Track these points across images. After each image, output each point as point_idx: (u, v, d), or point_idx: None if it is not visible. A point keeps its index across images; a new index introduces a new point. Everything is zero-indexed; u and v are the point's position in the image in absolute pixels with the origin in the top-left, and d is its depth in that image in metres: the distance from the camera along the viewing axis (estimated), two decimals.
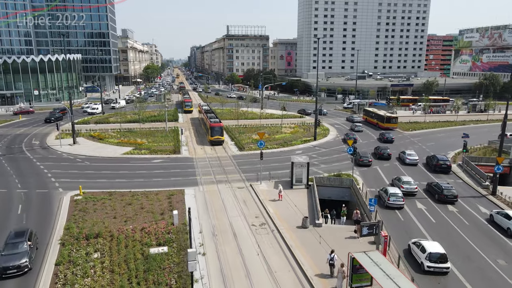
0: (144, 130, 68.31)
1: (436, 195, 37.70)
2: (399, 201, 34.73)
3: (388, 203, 34.86)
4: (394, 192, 35.21)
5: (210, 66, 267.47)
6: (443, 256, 24.70)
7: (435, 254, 24.68)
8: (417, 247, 26.27)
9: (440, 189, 37.42)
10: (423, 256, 25.12)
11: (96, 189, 38.64)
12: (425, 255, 24.96)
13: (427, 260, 24.72)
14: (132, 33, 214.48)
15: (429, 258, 24.70)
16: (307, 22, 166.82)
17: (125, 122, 75.82)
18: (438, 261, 24.54)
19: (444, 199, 36.74)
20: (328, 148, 57.76)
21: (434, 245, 25.73)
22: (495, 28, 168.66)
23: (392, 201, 34.68)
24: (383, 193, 36.80)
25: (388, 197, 34.98)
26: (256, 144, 57.24)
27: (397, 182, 39.85)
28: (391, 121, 72.87)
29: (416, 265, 25.69)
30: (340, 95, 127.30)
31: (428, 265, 24.63)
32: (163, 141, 60.52)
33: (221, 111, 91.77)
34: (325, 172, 45.08)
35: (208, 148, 57.10)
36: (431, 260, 24.63)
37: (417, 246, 26.34)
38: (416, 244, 26.71)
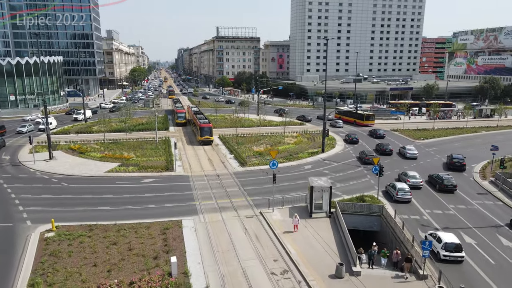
0: (132, 142, 61.17)
1: (437, 185, 41.01)
2: (407, 195, 36.82)
3: (396, 197, 36.86)
4: (402, 187, 37.32)
5: (199, 68, 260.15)
6: (458, 246, 26.23)
7: (451, 244, 26.27)
8: (433, 237, 27.63)
9: (441, 180, 40.75)
10: (439, 246, 26.58)
11: (73, 221, 31.62)
12: (441, 245, 26.45)
13: (443, 249, 26.25)
14: (117, 35, 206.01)
15: (445, 248, 26.24)
16: (300, 24, 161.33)
17: (110, 131, 68.59)
18: (453, 250, 26.06)
19: (444, 189, 40.10)
20: (339, 161, 51.65)
21: (450, 235, 27.42)
22: (491, 31, 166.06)
23: (401, 195, 36.74)
24: (391, 188, 38.72)
25: (396, 192, 36.98)
26: (260, 158, 50.99)
27: (404, 176, 42.36)
28: (370, 118, 79.55)
29: (433, 254, 26.22)
30: (337, 99, 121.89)
31: (444, 254, 26.14)
32: (154, 154, 53.58)
33: (215, 118, 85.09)
34: (343, 194, 38.92)
35: (206, 163, 50.37)
36: (447, 250, 26.17)
37: (433, 237, 27.77)
38: (432, 235, 28.27)
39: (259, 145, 59.68)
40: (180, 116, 78.66)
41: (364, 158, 50.78)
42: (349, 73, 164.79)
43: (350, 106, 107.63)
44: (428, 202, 37.45)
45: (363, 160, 50.78)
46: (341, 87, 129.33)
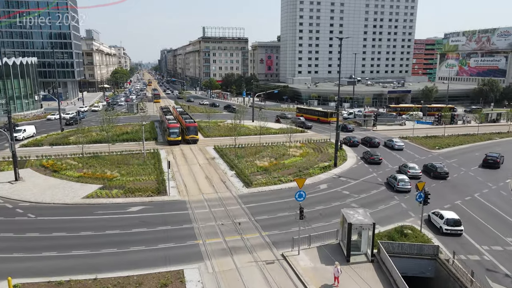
0: (115, 156, 53.15)
1: (431, 173, 46.07)
2: (407, 185, 40.20)
3: (397, 187, 40.34)
4: (402, 178, 40.88)
5: (184, 70, 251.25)
6: (457, 221, 30.35)
7: (451, 220, 30.37)
8: (435, 216, 31.82)
9: (434, 168, 46.25)
10: (441, 222, 30.65)
11: (37, 275, 23.89)
12: (443, 220, 30.51)
13: (445, 224, 30.25)
14: (97, 34, 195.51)
15: (446, 223, 30.24)
16: (291, 25, 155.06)
17: (90, 142, 60.31)
18: (454, 225, 30.10)
19: (438, 176, 45.43)
20: (357, 178, 45.06)
21: (450, 213, 31.57)
22: (483, 32, 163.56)
23: (401, 186, 40.23)
24: (392, 179, 42.01)
25: (397, 183, 40.48)
26: (266, 176, 43.87)
27: (404, 168, 46.57)
28: (333, 115, 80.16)
29: (436, 229, 30.91)
30: (333, 103, 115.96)
31: (446, 228, 30.13)
32: (141, 172, 45.82)
33: (207, 125, 77.69)
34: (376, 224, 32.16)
35: (204, 182, 42.94)
36: (448, 224, 30.16)
37: (436, 214, 31.90)
38: (434, 213, 32.24)
39: (261, 159, 52.62)
40: (173, 133, 61.56)
41: (369, 158, 51.85)
42: (341, 75, 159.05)
43: (347, 110, 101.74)
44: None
45: (368, 160, 51.92)
46: (336, 90, 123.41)
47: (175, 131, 62.09)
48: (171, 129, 62.48)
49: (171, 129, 62.46)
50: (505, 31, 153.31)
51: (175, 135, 62.02)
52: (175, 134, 62.00)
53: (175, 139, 61.96)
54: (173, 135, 61.95)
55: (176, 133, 61.91)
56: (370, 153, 53.05)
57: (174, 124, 63.84)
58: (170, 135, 62.07)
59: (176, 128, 62.29)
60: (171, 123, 64.08)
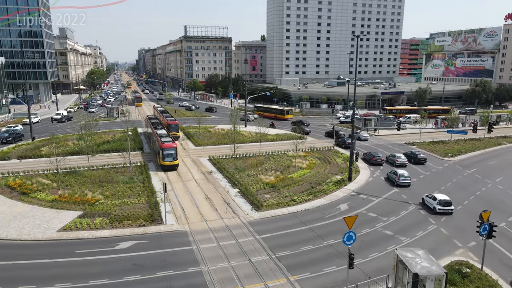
0: (96, 171, 45.85)
1: (412, 159, 52.55)
2: (407, 180, 42.58)
3: (398, 182, 42.49)
4: (402, 173, 43.05)
5: (164, 70, 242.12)
6: (448, 202, 34.85)
7: (443, 200, 34.87)
8: (429, 198, 36.37)
9: (414, 155, 52.87)
10: (434, 203, 35.13)
11: None
12: (436, 202, 35.02)
13: (438, 204, 34.73)
14: (72, 33, 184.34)
15: (439, 203, 34.73)
16: (278, 24, 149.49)
17: (66, 154, 52.40)
18: (445, 205, 34.61)
19: (417, 161, 52.00)
20: (378, 195, 39.66)
21: (442, 195, 35.89)
22: (469, 32, 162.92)
23: (402, 180, 42.46)
24: (392, 174, 44.22)
25: (398, 177, 42.62)
26: (276, 194, 37.84)
27: (392, 158, 51.23)
28: (289, 113, 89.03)
29: (429, 210, 35.38)
30: (325, 105, 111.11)
31: (439, 207, 34.61)
32: (129, 192, 38.99)
33: (197, 132, 71.03)
34: None
35: (204, 204, 36.50)
36: (440, 205, 34.64)
37: (429, 197, 36.43)
38: (428, 196, 36.78)
39: (265, 172, 46.59)
40: (169, 155, 47.47)
41: (371, 159, 51.64)
42: (329, 76, 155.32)
43: (342, 113, 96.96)
44: None
45: (370, 162, 51.63)
46: (329, 92, 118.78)
47: (170, 153, 47.52)
48: (166, 150, 47.38)
49: (166, 150, 47.42)
50: (492, 31, 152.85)
51: (171, 158, 47.58)
52: (171, 157, 47.57)
53: (172, 163, 47.64)
54: (168, 158, 47.49)
55: (172, 155, 47.67)
56: (372, 154, 53.05)
57: (169, 143, 48.55)
58: (165, 158, 47.42)
59: (172, 149, 47.77)
60: (166, 142, 48.73)
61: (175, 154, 48.27)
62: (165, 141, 49.50)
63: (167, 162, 47.68)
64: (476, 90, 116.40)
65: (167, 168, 47.62)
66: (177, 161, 48.32)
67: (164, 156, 47.62)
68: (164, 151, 47.60)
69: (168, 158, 47.67)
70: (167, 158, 47.67)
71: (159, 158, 48.76)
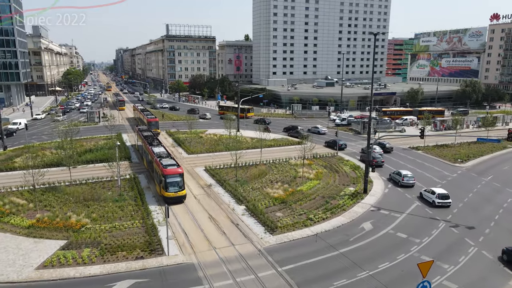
0: (79, 187, 40.24)
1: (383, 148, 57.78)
2: (411, 180, 42.75)
3: (402, 183, 42.66)
4: (406, 174, 43.22)
5: (145, 71, 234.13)
6: (446, 195, 36.77)
7: (442, 194, 36.74)
8: (428, 192, 38.15)
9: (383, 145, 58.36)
10: (433, 197, 36.98)
11: None
12: (435, 195, 36.85)
13: (437, 198, 36.56)
14: (46, 32, 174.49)
15: (438, 197, 36.55)
16: (264, 24, 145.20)
17: (43, 165, 46.20)
18: (444, 199, 36.47)
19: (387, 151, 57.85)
20: (401, 210, 35.81)
21: (440, 189, 37.88)
22: (455, 32, 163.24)
23: (406, 181, 42.64)
24: (395, 175, 44.33)
25: (402, 178, 42.78)
26: (288, 212, 33.36)
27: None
28: (250, 111, 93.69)
29: (428, 203, 37.21)
30: (316, 107, 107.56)
31: (438, 201, 36.42)
32: (120, 213, 33.78)
33: (187, 137, 65.92)
34: None
35: (209, 226, 31.68)
36: (439, 198, 36.46)
37: (428, 192, 38.19)
38: (426, 190, 38.57)
39: (270, 184, 42.14)
40: (174, 183, 36.07)
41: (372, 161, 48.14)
42: (317, 76, 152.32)
43: (337, 115, 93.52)
44: None
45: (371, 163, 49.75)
46: (320, 93, 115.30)
47: (176, 181, 36.04)
48: (170, 177, 35.84)
49: (171, 177, 35.87)
50: (477, 31, 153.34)
51: (177, 188, 36.04)
52: (176, 186, 36.04)
53: (178, 194, 36.11)
54: (173, 188, 35.88)
55: (178, 183, 36.16)
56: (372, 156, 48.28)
57: (174, 168, 36.86)
58: (169, 187, 35.78)
59: (177, 176, 36.31)
60: (169, 167, 36.96)
61: (182, 181, 36.51)
62: (167, 165, 37.24)
63: (172, 194, 35.79)
64: (467, 90, 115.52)
65: (171, 201, 35.51)
66: (184, 191, 36.88)
67: (167, 185, 35.68)
68: (168, 179, 35.70)
69: (173, 187, 35.88)
70: (171, 187, 35.83)
71: (160, 187, 37.08)
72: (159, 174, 37.35)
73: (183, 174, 37.28)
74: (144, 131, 56.28)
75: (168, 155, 42.24)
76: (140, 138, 53.54)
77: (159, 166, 37.93)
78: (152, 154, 42.12)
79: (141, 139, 52.91)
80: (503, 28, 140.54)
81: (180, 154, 56.63)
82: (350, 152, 58.96)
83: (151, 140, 48.86)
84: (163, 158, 40.00)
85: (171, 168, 37.04)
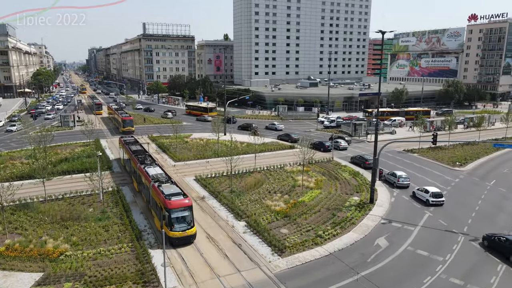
0: (55, 204, 35.54)
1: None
2: (406, 181, 42.38)
3: (398, 184, 42.26)
4: (401, 175, 42.78)
5: (120, 71, 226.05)
6: (440, 194, 37.44)
7: (436, 193, 37.29)
8: (421, 191, 38.44)
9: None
10: (427, 195, 37.38)
11: None
12: (429, 194, 37.27)
13: (431, 197, 37.02)
14: (14, 30, 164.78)
15: (432, 196, 37.05)
16: (246, 24, 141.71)
17: (13, 178, 41.51)
18: (437, 197, 37.04)
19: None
20: (413, 223, 33.25)
21: (433, 188, 38.37)
22: (433, 32, 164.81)
23: (401, 182, 42.19)
24: (390, 176, 43.93)
25: (397, 179, 42.41)
26: (294, 228, 30.22)
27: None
28: (212, 110, 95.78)
29: (422, 202, 37.64)
30: (301, 108, 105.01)
31: (432, 200, 36.92)
32: (105, 234, 29.63)
33: (172, 142, 61.71)
34: None
35: (208, 248, 27.98)
36: (433, 197, 36.98)
37: (421, 190, 38.51)
38: (419, 189, 38.87)
39: (269, 195, 38.82)
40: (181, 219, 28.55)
41: (365, 163, 49.56)
42: (299, 76, 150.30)
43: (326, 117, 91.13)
44: None
45: (363, 166, 49.61)
46: (305, 93, 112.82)
47: (183, 216, 28.45)
48: (175, 212, 28.10)
49: (176, 212, 28.17)
50: (455, 31, 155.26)
51: (185, 225, 28.36)
52: (184, 223, 28.42)
53: (186, 233, 28.15)
54: (179, 226, 28.14)
55: (186, 219, 28.59)
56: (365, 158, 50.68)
57: (179, 200, 28.62)
58: (174, 225, 27.94)
59: (185, 210, 28.55)
60: (173, 198, 28.70)
61: (191, 216, 28.68)
62: (171, 195, 28.83)
63: (178, 233, 27.75)
64: (449, 90, 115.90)
65: (178, 242, 27.86)
66: (194, 228, 28.76)
67: (172, 222, 27.71)
68: (173, 214, 27.76)
69: (179, 225, 28.07)
70: (177, 225, 27.95)
71: (162, 223, 28.56)
72: (160, 206, 29.20)
73: (192, 207, 29.00)
74: (132, 144, 47.29)
75: (168, 178, 33.51)
76: (127, 153, 44.51)
77: (159, 196, 29.68)
78: (147, 178, 34.05)
79: (128, 154, 44.11)
80: (481, 28, 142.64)
81: (166, 161, 52.48)
82: (345, 156, 56.37)
83: (142, 158, 40.17)
84: (163, 184, 31.65)
85: (176, 200, 28.50)
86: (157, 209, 30.60)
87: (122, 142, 49.27)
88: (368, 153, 56.64)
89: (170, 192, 29.75)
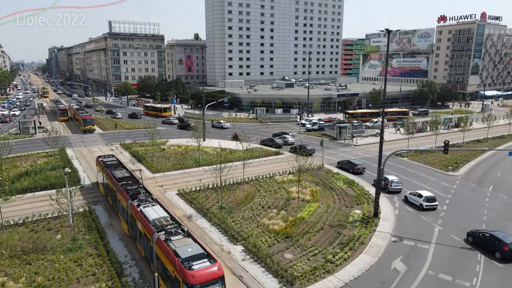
0: (15, 231, 30.00)
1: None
2: (399, 185, 41.52)
3: (390, 189, 41.23)
4: (393, 179, 41.96)
5: (85, 72, 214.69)
6: (433, 198, 36.59)
7: (430, 197, 36.47)
8: (414, 195, 37.63)
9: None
10: (420, 200, 36.53)
11: None
12: (422, 198, 36.44)
13: (425, 201, 36.19)
14: None
15: (426, 200, 36.21)
16: (219, 24, 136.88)
17: None
18: (431, 201, 36.21)
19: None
20: (425, 240, 30.47)
21: (426, 192, 37.51)
22: (404, 33, 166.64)
23: (394, 186, 41.32)
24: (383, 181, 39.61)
25: (390, 184, 41.31)
26: (299, 252, 26.52)
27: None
28: (167, 110, 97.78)
29: (415, 206, 36.84)
30: (279, 110, 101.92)
31: (426, 204, 36.12)
32: (77, 270, 24.70)
33: (147, 151, 56.55)
34: None
35: None
36: (427, 201, 36.14)
37: (414, 194, 37.66)
38: (412, 193, 38.09)
39: (263, 211, 34.96)
40: None
41: (354, 168, 48.17)
42: (274, 77, 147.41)
43: (308, 119, 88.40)
44: None
45: (351, 171, 47.95)
46: (283, 95, 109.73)
47: None
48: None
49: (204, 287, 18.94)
50: (425, 32, 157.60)
51: None
52: None
53: None
54: None
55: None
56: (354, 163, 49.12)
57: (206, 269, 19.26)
58: None
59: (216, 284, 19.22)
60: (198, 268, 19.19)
61: None
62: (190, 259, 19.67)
63: None
64: (424, 90, 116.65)
65: None
66: None
67: None
68: None
69: None
70: None
71: None
72: (173, 275, 19.73)
73: (224, 277, 19.72)
74: (115, 168, 36.30)
75: (178, 225, 23.76)
76: (110, 180, 33.70)
77: (168, 257, 20.32)
78: (146, 225, 23.86)
79: (111, 183, 33.18)
80: (450, 29, 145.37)
81: (143, 173, 47.35)
82: (334, 162, 53.42)
83: (134, 191, 29.65)
84: (172, 237, 21.83)
85: (202, 270, 19.11)
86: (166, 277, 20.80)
87: (101, 164, 38.26)
88: (355, 158, 54.22)
89: (189, 253, 19.88)
